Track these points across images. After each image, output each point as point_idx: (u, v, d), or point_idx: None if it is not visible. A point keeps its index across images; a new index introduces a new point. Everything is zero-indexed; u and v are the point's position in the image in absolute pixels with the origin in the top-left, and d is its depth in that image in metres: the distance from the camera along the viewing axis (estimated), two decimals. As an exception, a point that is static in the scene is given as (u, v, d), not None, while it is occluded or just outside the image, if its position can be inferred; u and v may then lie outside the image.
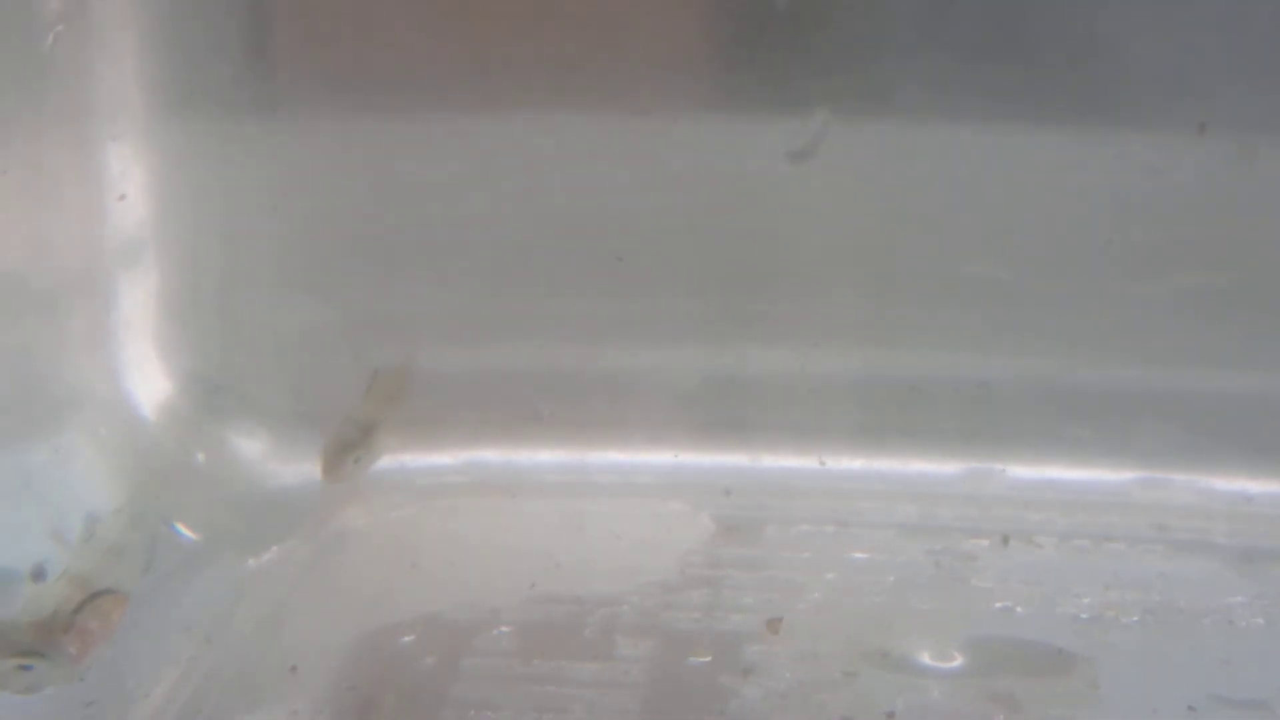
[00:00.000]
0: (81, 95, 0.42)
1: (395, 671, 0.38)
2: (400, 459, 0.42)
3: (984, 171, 0.39)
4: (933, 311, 0.39)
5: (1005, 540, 0.39)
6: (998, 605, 0.38)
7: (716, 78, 0.39)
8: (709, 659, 0.37)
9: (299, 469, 0.42)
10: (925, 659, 0.37)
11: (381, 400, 0.42)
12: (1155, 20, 0.37)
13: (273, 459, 0.42)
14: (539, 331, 0.42)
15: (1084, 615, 0.37)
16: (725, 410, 0.41)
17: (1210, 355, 0.40)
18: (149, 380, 0.43)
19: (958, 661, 0.37)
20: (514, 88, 0.40)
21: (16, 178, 0.41)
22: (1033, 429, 0.40)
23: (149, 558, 0.40)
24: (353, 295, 0.42)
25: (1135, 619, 0.37)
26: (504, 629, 0.38)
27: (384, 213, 0.42)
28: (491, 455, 0.42)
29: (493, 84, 0.40)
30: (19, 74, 0.40)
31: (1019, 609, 0.38)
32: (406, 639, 0.38)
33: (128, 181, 0.43)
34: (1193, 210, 0.38)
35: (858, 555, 0.39)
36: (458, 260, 0.42)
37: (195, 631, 0.39)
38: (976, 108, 0.38)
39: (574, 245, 0.41)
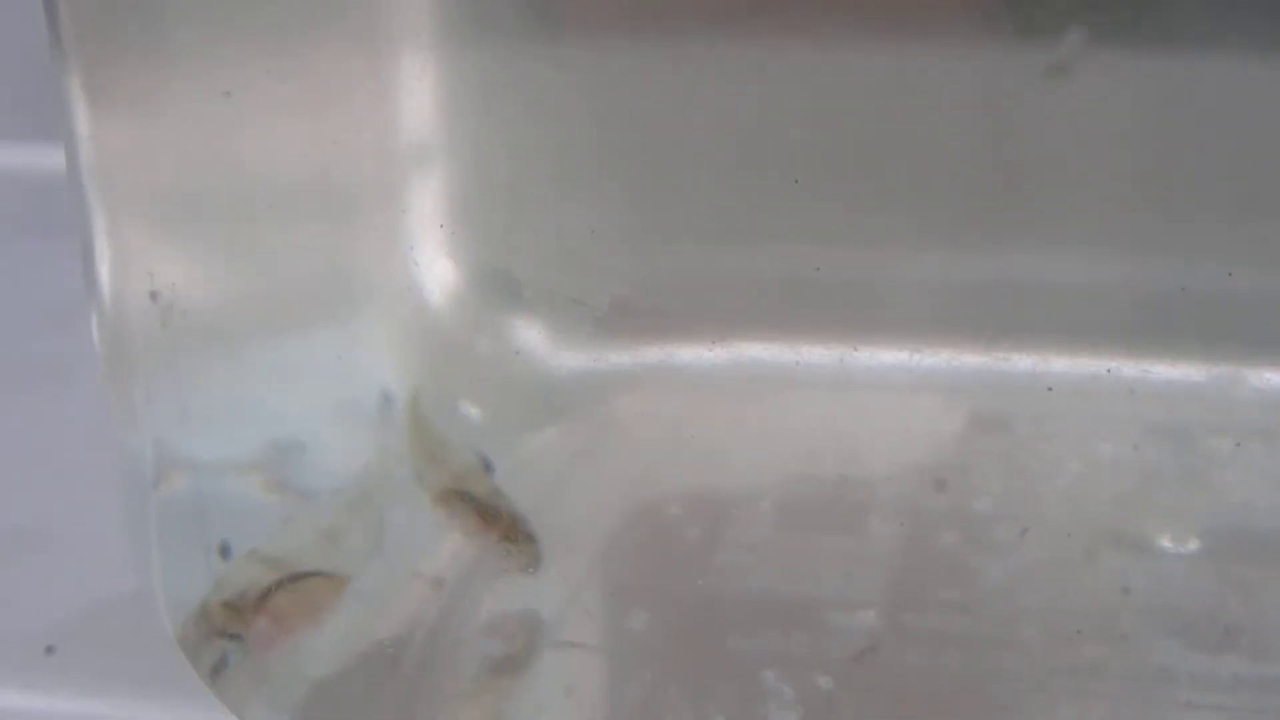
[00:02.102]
0: (378, 13, 0.48)
1: (662, 540, 0.44)
2: (669, 353, 0.48)
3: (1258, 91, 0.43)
4: (1184, 221, 0.44)
5: (1247, 440, 0.44)
6: (1236, 498, 0.42)
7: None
8: (956, 538, 0.43)
9: (574, 357, 0.48)
10: (1163, 543, 0.42)
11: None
12: None
13: (551, 347, 0.48)
14: (804, 237, 0.47)
15: (1322, 510, 0.42)
16: (979, 313, 0.46)
17: None
18: (437, 273, 0.49)
19: (1194, 547, 0.42)
20: (778, 17, 0.45)
21: (318, 91, 0.47)
22: (1273, 340, 0.44)
23: (376, 541, 0.45)
24: (625, 198, 0.48)
25: (1371, 514, 0.42)
26: (764, 505, 0.44)
27: (655, 124, 0.48)
28: (755, 352, 0.48)
29: (752, 16, 0.46)
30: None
31: (1258, 502, 0.42)
32: (673, 511, 0.45)
33: (417, 99, 0.49)
34: None
35: (1103, 450, 0.44)
36: (726, 169, 0.47)
37: (480, 496, 0.46)
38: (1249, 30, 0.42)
39: (838, 160, 0.46)
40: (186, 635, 0.44)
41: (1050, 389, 0.45)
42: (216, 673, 0.44)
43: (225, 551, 0.44)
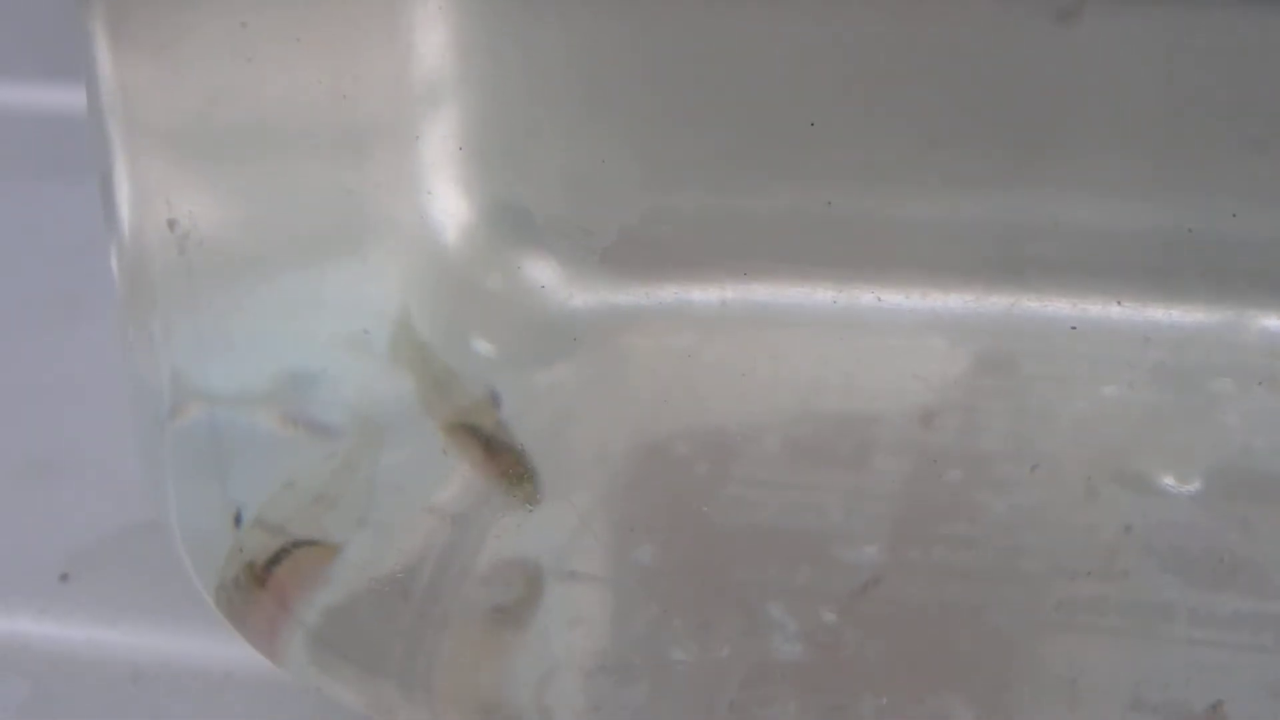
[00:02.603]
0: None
1: (670, 474, 0.45)
2: (679, 292, 0.49)
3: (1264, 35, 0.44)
4: (1192, 163, 0.45)
5: (1250, 382, 0.45)
6: (1239, 439, 0.44)
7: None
8: (960, 475, 0.44)
9: (585, 294, 0.49)
10: (1165, 482, 0.43)
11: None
12: None
13: (562, 284, 0.49)
14: (815, 177, 0.48)
15: (1322, 451, 0.43)
16: (987, 254, 0.47)
17: None
18: (450, 210, 0.50)
19: (1196, 486, 0.43)
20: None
21: (331, 33, 0.48)
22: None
23: (365, 509, 0.46)
24: (637, 135, 0.49)
25: (1372, 457, 0.43)
26: (771, 441, 0.45)
27: (667, 61, 0.49)
28: (764, 291, 0.49)
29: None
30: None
31: (1260, 444, 0.43)
32: (681, 448, 0.46)
33: (431, 34, 0.50)
34: None
35: (1108, 390, 0.45)
36: (738, 107, 0.48)
37: (490, 430, 0.47)
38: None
39: (849, 101, 0.47)
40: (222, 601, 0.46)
41: (1057, 331, 0.46)
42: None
43: (238, 520, 0.45)
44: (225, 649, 0.48)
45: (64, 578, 0.52)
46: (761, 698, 0.42)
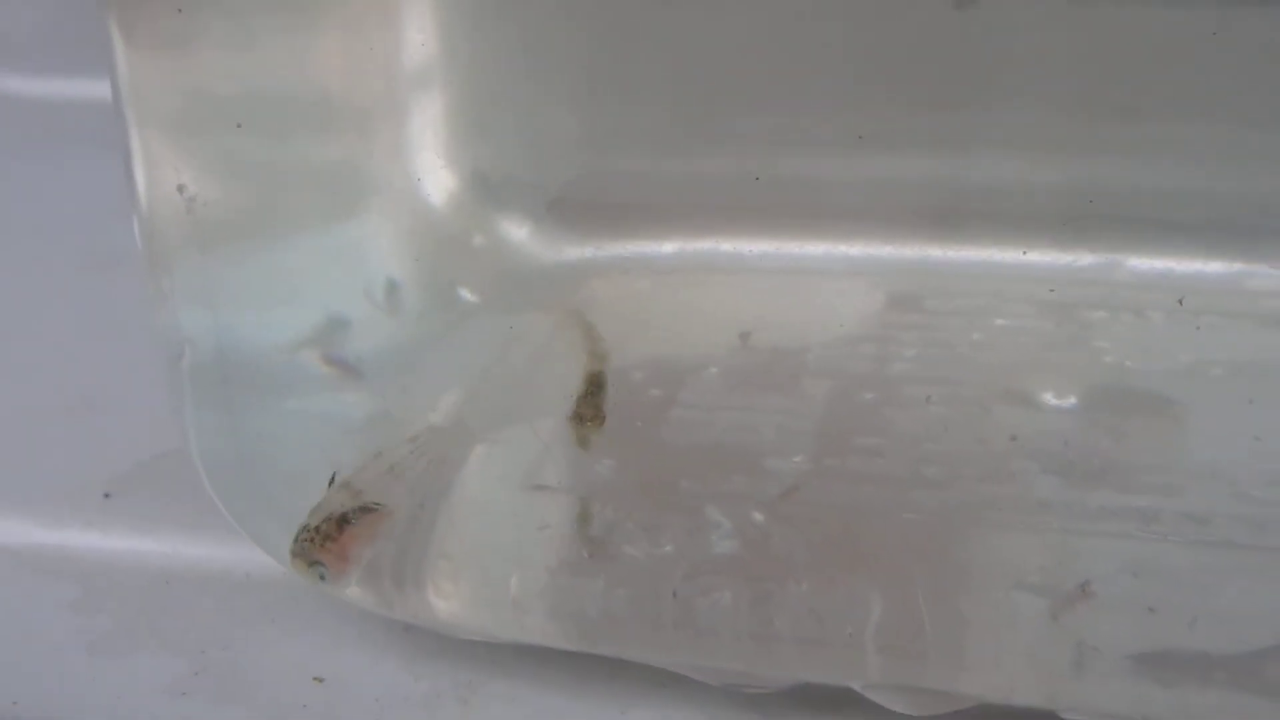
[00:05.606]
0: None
1: (627, 398, 0.50)
2: (636, 246, 0.54)
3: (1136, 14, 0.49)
4: (1073, 126, 0.49)
5: (1120, 313, 0.49)
6: (1110, 360, 0.48)
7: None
8: (874, 396, 0.48)
9: (555, 250, 0.54)
10: (1046, 398, 0.48)
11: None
12: None
13: (534, 242, 0.54)
14: (753, 142, 0.53)
15: (1181, 369, 0.48)
16: (902, 208, 0.52)
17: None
18: (438, 178, 0.55)
19: (1073, 401, 0.47)
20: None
21: (334, 22, 0.52)
22: (1148, 229, 0.50)
23: (422, 487, 0.49)
24: (599, 112, 0.54)
25: (1222, 373, 0.47)
26: (713, 370, 0.50)
27: (620, 49, 0.53)
28: (710, 244, 0.54)
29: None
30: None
31: (1128, 363, 0.48)
32: (637, 376, 0.50)
33: (422, 24, 0.54)
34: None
35: (1000, 322, 0.50)
36: (685, 80, 0.52)
37: (474, 367, 0.52)
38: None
39: (779, 77, 0.51)
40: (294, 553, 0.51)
41: (958, 274, 0.51)
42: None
43: (332, 481, 0.50)
44: (245, 555, 0.53)
45: (107, 496, 0.58)
46: (701, 587, 0.47)
